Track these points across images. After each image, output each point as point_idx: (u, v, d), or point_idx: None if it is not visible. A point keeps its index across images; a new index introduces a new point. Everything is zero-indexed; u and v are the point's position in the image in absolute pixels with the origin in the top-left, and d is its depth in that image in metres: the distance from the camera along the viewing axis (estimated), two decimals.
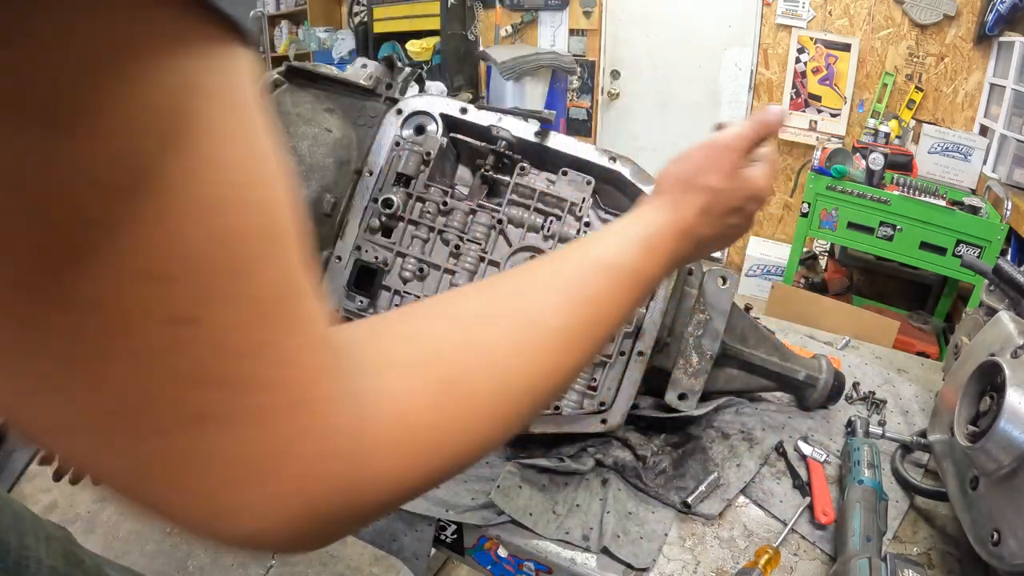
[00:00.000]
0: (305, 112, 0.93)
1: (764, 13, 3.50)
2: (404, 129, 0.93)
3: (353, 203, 0.92)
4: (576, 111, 4.31)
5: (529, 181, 0.92)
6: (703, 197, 0.55)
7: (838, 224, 2.78)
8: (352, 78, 0.97)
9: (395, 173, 0.92)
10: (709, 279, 0.93)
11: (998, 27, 2.79)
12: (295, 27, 5.54)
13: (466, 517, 0.85)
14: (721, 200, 0.56)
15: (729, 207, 0.57)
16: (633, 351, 0.89)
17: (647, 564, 0.78)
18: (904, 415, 1.11)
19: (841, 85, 3.34)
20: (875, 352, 1.33)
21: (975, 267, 1.06)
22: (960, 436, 0.73)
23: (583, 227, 0.92)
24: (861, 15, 3.23)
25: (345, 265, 0.91)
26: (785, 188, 3.72)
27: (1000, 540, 0.64)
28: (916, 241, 2.63)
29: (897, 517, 0.86)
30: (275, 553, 0.28)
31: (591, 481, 0.91)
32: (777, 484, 0.92)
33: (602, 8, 3.98)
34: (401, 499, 0.30)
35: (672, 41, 3.88)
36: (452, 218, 0.92)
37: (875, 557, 0.71)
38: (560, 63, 4.08)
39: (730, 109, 3.81)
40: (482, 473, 0.93)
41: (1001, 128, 2.68)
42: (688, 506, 0.86)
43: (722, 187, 0.56)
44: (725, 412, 1.04)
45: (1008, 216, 2.40)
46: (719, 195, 0.56)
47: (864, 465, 0.85)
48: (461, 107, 0.93)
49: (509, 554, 0.85)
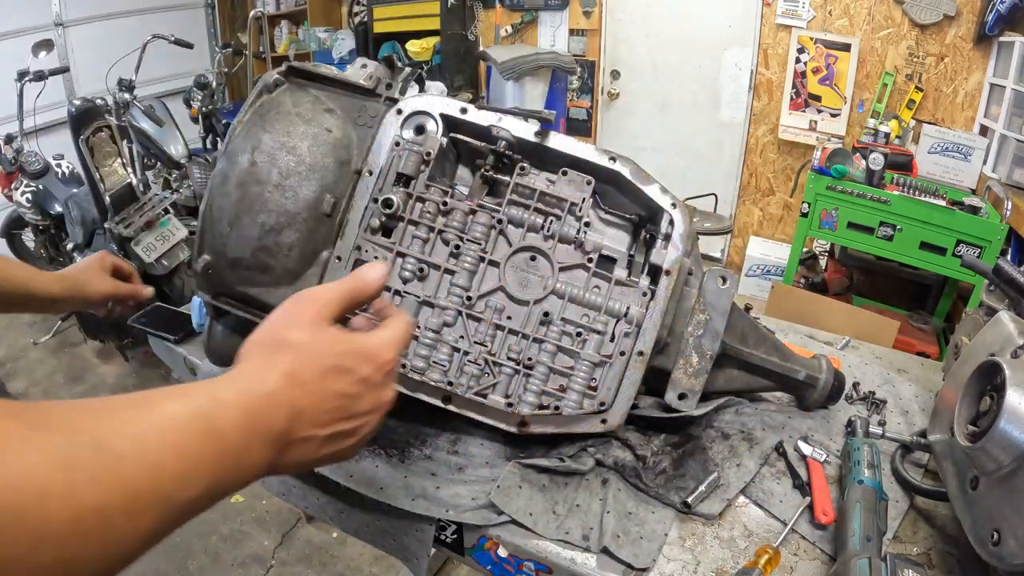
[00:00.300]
0: (305, 112, 0.93)
1: (764, 13, 3.50)
2: (404, 129, 0.93)
3: (353, 203, 0.92)
4: (576, 111, 4.31)
5: (529, 181, 0.92)
6: (287, 357, 0.46)
7: (838, 224, 2.78)
8: (352, 78, 0.97)
9: (395, 173, 0.92)
10: (709, 279, 0.93)
11: (998, 27, 2.79)
12: (295, 27, 5.54)
13: (466, 517, 0.85)
14: (311, 359, 0.47)
15: (325, 367, 0.47)
16: (633, 351, 0.89)
17: (647, 564, 0.79)
18: (904, 415, 1.11)
19: (841, 85, 3.34)
20: (875, 352, 1.33)
21: (975, 267, 1.06)
22: (960, 436, 0.73)
23: (583, 227, 0.92)
24: (861, 15, 3.23)
25: (345, 265, 0.91)
26: (785, 188, 3.72)
27: (1000, 540, 0.64)
28: (916, 241, 2.63)
29: (897, 517, 0.86)
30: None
31: (591, 481, 0.91)
32: (777, 484, 0.92)
33: (602, 8, 3.98)
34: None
35: (672, 41, 3.88)
36: (452, 218, 0.92)
37: (875, 557, 0.71)
38: (560, 63, 4.08)
39: (730, 109, 3.81)
40: (482, 473, 0.93)
41: (1001, 128, 2.68)
42: (688, 506, 0.86)
43: (304, 341, 0.47)
44: (725, 412, 1.04)
45: (1008, 216, 2.40)
46: (305, 352, 0.47)
47: (864, 465, 0.85)
48: (461, 107, 0.93)
49: (509, 554, 0.85)
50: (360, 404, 0.49)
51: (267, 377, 0.44)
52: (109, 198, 2.52)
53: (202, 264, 0.91)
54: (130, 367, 3.14)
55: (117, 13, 4.74)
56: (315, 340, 0.48)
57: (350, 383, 0.48)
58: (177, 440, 0.37)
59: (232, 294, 0.96)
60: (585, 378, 0.90)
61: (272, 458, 0.44)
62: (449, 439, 1.00)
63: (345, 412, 0.48)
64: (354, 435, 0.50)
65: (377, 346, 0.51)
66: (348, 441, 0.50)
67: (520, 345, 0.91)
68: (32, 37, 3.49)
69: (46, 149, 3.40)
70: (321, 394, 0.46)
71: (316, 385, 0.46)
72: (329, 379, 0.47)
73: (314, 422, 0.46)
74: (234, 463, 0.40)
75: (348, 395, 0.48)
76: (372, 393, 0.50)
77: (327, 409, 0.47)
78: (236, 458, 0.41)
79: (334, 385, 0.47)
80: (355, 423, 0.49)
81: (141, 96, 3.45)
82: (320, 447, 0.47)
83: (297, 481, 0.99)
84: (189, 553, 2.10)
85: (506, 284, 0.92)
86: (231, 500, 2.32)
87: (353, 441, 0.50)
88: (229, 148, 0.90)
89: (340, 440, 0.49)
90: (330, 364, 0.47)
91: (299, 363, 0.46)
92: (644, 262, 0.93)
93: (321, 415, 0.47)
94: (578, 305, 0.92)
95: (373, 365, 0.50)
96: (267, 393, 0.44)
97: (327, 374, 0.47)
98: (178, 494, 0.37)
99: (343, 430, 0.48)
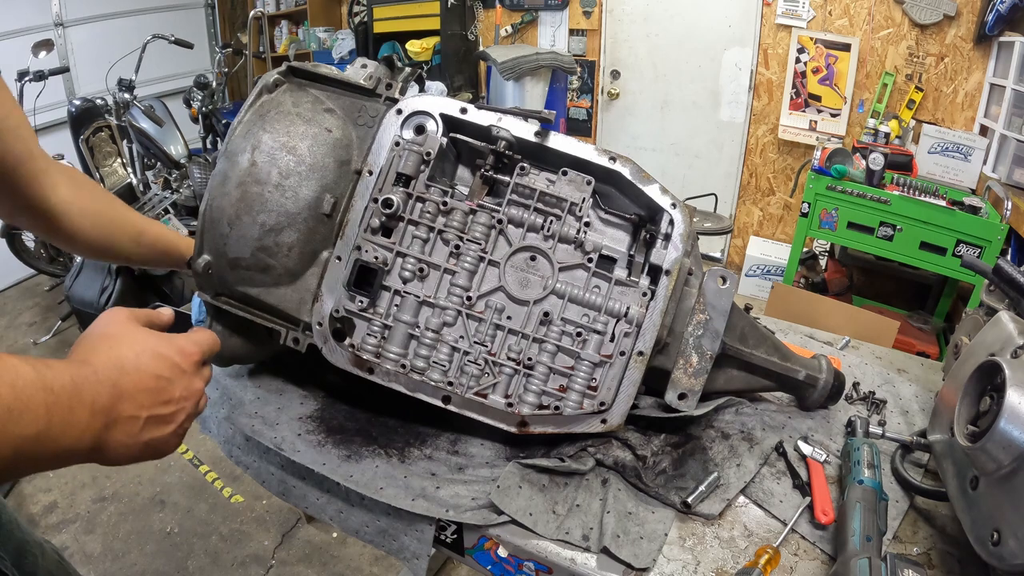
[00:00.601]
0: (305, 112, 0.93)
1: (764, 13, 3.50)
2: (404, 129, 0.93)
3: (353, 203, 0.92)
4: (576, 111, 4.31)
5: (529, 181, 0.92)
6: (109, 344, 0.56)
7: (838, 224, 2.78)
8: (352, 78, 0.97)
9: (395, 173, 0.92)
10: (709, 279, 0.93)
11: (998, 27, 2.79)
12: (295, 27, 5.54)
13: (466, 517, 0.85)
14: (130, 345, 0.56)
15: (141, 352, 0.57)
16: (633, 351, 0.89)
17: (647, 564, 0.79)
18: (904, 415, 1.11)
19: (841, 85, 3.34)
20: (875, 352, 1.33)
21: (975, 267, 1.06)
22: (960, 436, 0.73)
23: (583, 227, 0.92)
24: (861, 15, 3.23)
25: (345, 265, 0.91)
26: (785, 188, 3.72)
27: (1000, 540, 0.64)
28: (916, 241, 2.63)
29: (897, 517, 0.86)
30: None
31: (591, 481, 0.91)
32: (777, 484, 0.92)
33: (602, 8, 3.98)
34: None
35: (672, 41, 3.88)
36: (452, 218, 0.92)
37: (875, 557, 0.71)
38: (560, 63, 4.08)
39: (730, 109, 3.81)
40: (482, 473, 0.93)
41: (1001, 128, 2.68)
42: (688, 506, 0.86)
43: (123, 333, 0.57)
44: (725, 412, 1.04)
45: (1008, 216, 2.40)
46: (125, 341, 0.57)
47: (864, 465, 0.85)
48: (461, 107, 0.93)
49: (509, 554, 0.85)
50: (174, 388, 0.58)
51: (92, 359, 0.53)
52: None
53: (202, 264, 0.91)
54: None
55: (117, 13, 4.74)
56: (132, 331, 0.58)
57: (164, 367, 0.57)
58: (14, 381, 0.44)
59: (232, 294, 0.96)
60: (585, 378, 0.90)
61: (98, 430, 0.50)
62: (449, 439, 1.00)
63: (162, 395, 0.57)
64: (171, 421, 0.58)
65: (185, 339, 0.62)
66: (167, 428, 0.57)
67: (520, 345, 0.91)
68: (32, 37, 3.49)
69: (46, 149, 3.39)
70: (139, 375, 0.55)
71: (134, 368, 0.55)
72: (145, 362, 0.56)
73: (135, 402, 0.54)
74: (61, 420, 0.47)
75: (163, 378, 0.57)
76: (184, 379, 0.59)
77: (146, 389, 0.55)
78: (63, 417, 0.47)
79: (150, 368, 0.56)
80: (172, 408, 0.57)
81: (141, 96, 3.45)
82: (142, 430, 0.55)
83: (297, 481, 0.99)
84: (189, 553, 2.10)
85: (506, 284, 0.92)
86: (231, 500, 2.32)
87: (171, 429, 0.58)
88: (229, 148, 0.90)
89: (159, 425, 0.56)
90: (147, 349, 0.57)
91: (120, 349, 0.55)
92: (644, 262, 0.93)
93: (141, 395, 0.54)
94: (578, 305, 0.92)
95: (182, 355, 0.60)
96: (92, 371, 0.51)
97: (143, 358, 0.56)
98: (10, 427, 0.43)
99: (161, 414, 0.56)
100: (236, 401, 1.07)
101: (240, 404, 1.06)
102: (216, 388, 1.12)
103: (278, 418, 1.02)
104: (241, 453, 1.05)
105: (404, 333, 0.92)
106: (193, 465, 2.51)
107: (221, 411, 1.08)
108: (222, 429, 1.08)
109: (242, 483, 2.39)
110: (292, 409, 1.05)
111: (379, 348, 0.93)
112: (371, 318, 0.92)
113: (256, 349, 1.03)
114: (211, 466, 2.50)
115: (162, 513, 2.27)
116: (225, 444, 1.08)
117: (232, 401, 1.08)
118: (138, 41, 3.46)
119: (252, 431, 0.99)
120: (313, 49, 5.12)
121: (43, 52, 3.26)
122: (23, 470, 0.47)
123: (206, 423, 1.15)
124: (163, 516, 2.26)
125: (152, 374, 0.56)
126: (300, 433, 0.99)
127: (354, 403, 1.06)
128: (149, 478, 2.43)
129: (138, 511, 2.28)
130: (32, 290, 3.98)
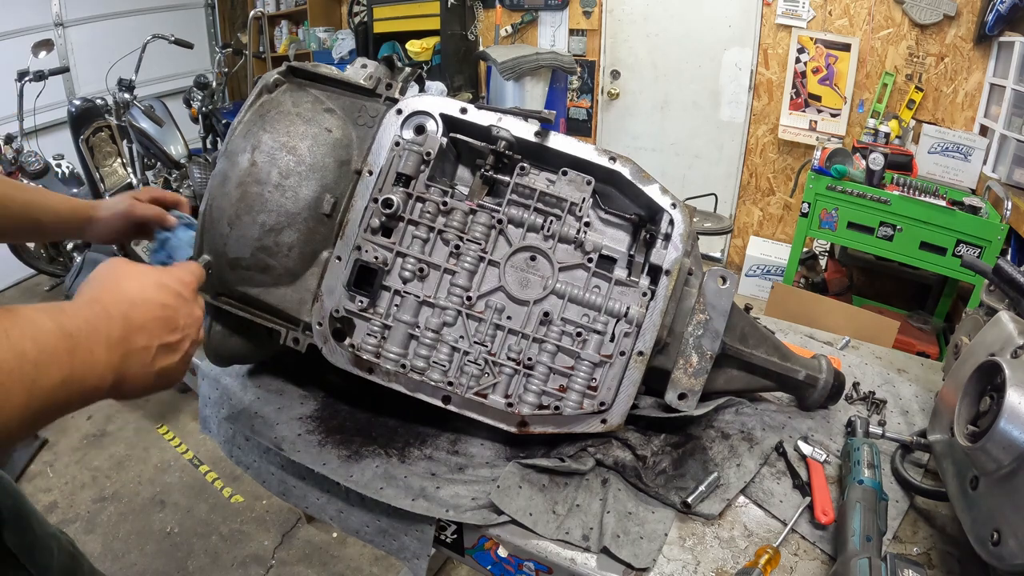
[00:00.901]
0: (305, 112, 0.93)
1: (764, 13, 3.50)
2: (404, 129, 0.93)
3: (353, 203, 0.92)
4: (576, 111, 4.31)
5: (529, 181, 0.92)
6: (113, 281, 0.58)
7: (838, 224, 2.78)
8: (352, 78, 0.97)
9: (395, 173, 0.92)
10: (709, 279, 0.93)
11: (998, 27, 2.79)
12: (295, 27, 5.54)
13: (466, 517, 0.85)
14: (133, 278, 0.59)
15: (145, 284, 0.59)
16: (633, 351, 0.89)
17: (647, 564, 0.78)
18: (904, 415, 1.11)
19: (841, 85, 3.34)
20: (875, 352, 1.33)
21: (975, 267, 1.06)
22: (960, 436, 0.73)
23: (583, 227, 0.92)
24: (861, 15, 3.23)
25: (345, 265, 0.91)
26: (785, 188, 3.72)
27: (1000, 540, 0.64)
28: (916, 241, 2.63)
29: (897, 517, 0.86)
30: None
31: (591, 481, 0.91)
32: (777, 484, 0.92)
33: (602, 8, 3.98)
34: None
35: (672, 41, 3.88)
36: (452, 218, 0.92)
37: (875, 557, 0.71)
38: (560, 63, 4.08)
39: (730, 109, 3.81)
40: (482, 473, 0.93)
41: (1001, 128, 2.68)
42: (688, 506, 0.86)
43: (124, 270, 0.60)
44: (725, 412, 1.04)
45: (1008, 216, 2.40)
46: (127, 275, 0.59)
47: (864, 465, 0.85)
48: (461, 107, 0.93)
49: (509, 554, 0.85)
50: (179, 316, 0.61)
51: (101, 297, 0.55)
52: (109, 198, 2.52)
53: (202, 264, 0.91)
54: None
55: (117, 13, 4.74)
56: (132, 267, 0.60)
57: (169, 296, 0.60)
58: (35, 334, 0.46)
59: (232, 294, 0.96)
60: (585, 378, 0.90)
61: (116, 365, 0.53)
62: (449, 439, 1.00)
63: (170, 324, 0.59)
64: (179, 349, 0.60)
65: (180, 270, 0.65)
66: (175, 356, 0.60)
67: (520, 345, 0.91)
68: (32, 37, 3.48)
69: (46, 149, 3.40)
70: (147, 306, 0.58)
71: (142, 300, 0.58)
72: (150, 294, 0.59)
73: (146, 333, 0.57)
74: (83, 362, 0.49)
75: (169, 306, 0.60)
76: (187, 306, 0.62)
77: (154, 318, 0.58)
78: (84, 358, 0.50)
79: (156, 298, 0.59)
80: (178, 335, 0.60)
81: (141, 96, 3.45)
82: (155, 359, 0.57)
83: (297, 481, 0.99)
84: (189, 553, 2.10)
85: (506, 284, 0.92)
86: (231, 500, 2.32)
87: (179, 356, 0.61)
88: (229, 148, 0.90)
89: (169, 354, 0.59)
90: (150, 282, 0.60)
91: (125, 283, 0.58)
92: (644, 262, 0.93)
93: (151, 324, 0.57)
94: (578, 305, 0.92)
95: (182, 283, 0.63)
96: (102, 308, 0.54)
97: (148, 290, 0.59)
98: (40, 379, 0.46)
99: (170, 342, 0.59)
100: (236, 401, 1.07)
101: (240, 404, 1.06)
102: (216, 388, 1.12)
103: (278, 418, 1.02)
104: (241, 453, 1.05)
105: (404, 333, 0.92)
106: (193, 465, 2.51)
107: (221, 411, 1.08)
108: (222, 429, 1.08)
109: (242, 483, 2.39)
110: (292, 409, 1.05)
111: (379, 348, 0.93)
112: (371, 318, 0.92)
113: (256, 349, 1.03)
114: (211, 466, 2.50)
115: (162, 513, 2.27)
116: (225, 444, 1.08)
117: (232, 401, 1.08)
118: (138, 41, 3.46)
119: (252, 431, 0.99)
120: (313, 49, 5.12)
121: (43, 52, 3.26)
122: (52, 416, 0.48)
123: (206, 423, 1.15)
124: (163, 516, 2.26)
125: (158, 303, 0.59)
126: (300, 433, 0.99)
127: (354, 403, 1.06)
128: (149, 478, 2.43)
129: (138, 511, 2.28)
130: (32, 290, 3.98)
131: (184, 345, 0.61)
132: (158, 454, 2.57)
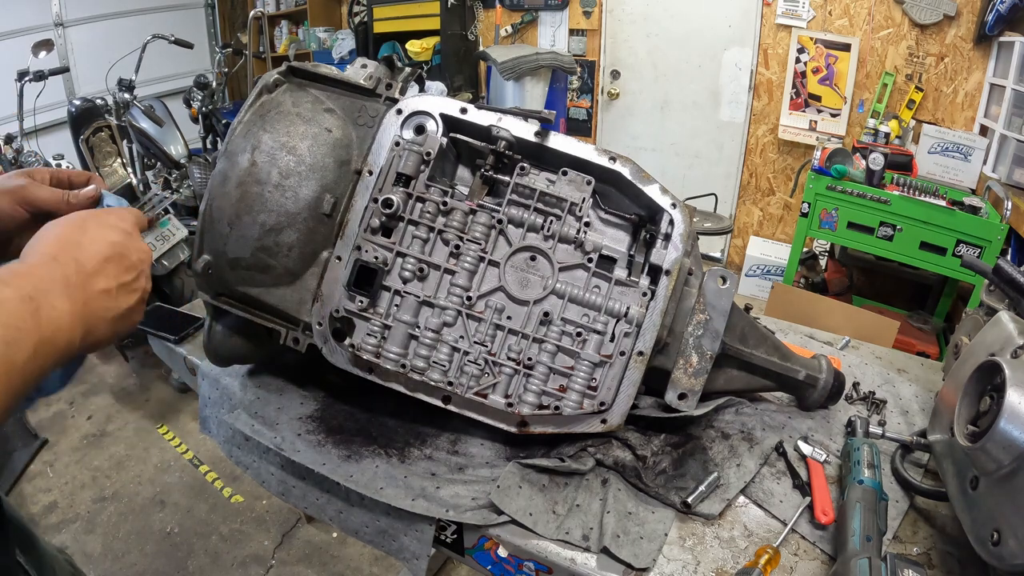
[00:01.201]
0: (305, 112, 0.93)
1: (764, 13, 3.50)
2: (404, 129, 0.93)
3: (353, 203, 0.92)
4: (576, 111, 4.31)
5: (529, 181, 0.92)
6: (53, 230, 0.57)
7: (838, 224, 2.78)
8: (352, 78, 0.97)
9: (395, 173, 0.92)
10: (709, 279, 0.93)
11: (998, 27, 2.79)
12: (295, 27, 5.54)
13: (466, 517, 0.85)
14: (72, 223, 0.58)
15: (86, 224, 0.58)
16: (633, 351, 0.89)
17: (647, 564, 0.78)
18: (904, 415, 1.11)
19: (841, 85, 3.34)
20: (875, 352, 1.33)
21: (975, 267, 1.06)
22: (960, 436, 0.73)
23: (583, 227, 0.92)
24: (861, 15, 3.23)
25: (345, 265, 0.91)
26: (785, 188, 3.72)
27: (1000, 540, 0.64)
28: (916, 241, 2.63)
29: (897, 517, 0.86)
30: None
31: (591, 481, 0.91)
32: (777, 484, 0.92)
33: (602, 8, 3.99)
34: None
35: (672, 41, 3.88)
36: (452, 218, 0.92)
37: (875, 557, 0.71)
38: (560, 63, 4.08)
39: (730, 109, 3.81)
40: (482, 473, 0.93)
41: (1001, 128, 2.68)
42: (688, 506, 0.86)
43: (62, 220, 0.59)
44: (725, 412, 1.04)
45: (1008, 216, 2.40)
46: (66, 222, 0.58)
47: (864, 465, 0.85)
48: (461, 107, 0.92)
49: (509, 554, 0.85)
50: (130, 252, 0.59)
51: (47, 250, 0.54)
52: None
53: (202, 264, 0.91)
54: (130, 367, 3.14)
55: (117, 13, 4.75)
56: (67, 217, 0.58)
57: (113, 233, 0.59)
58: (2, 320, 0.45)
59: (232, 294, 0.96)
60: (585, 378, 0.90)
61: (81, 312, 0.52)
62: (449, 439, 1.00)
63: (123, 261, 0.58)
64: (136, 288, 0.59)
65: (114, 211, 0.63)
66: (134, 296, 0.59)
67: (520, 345, 0.91)
68: (32, 37, 3.48)
69: (46, 149, 3.40)
70: (95, 246, 0.56)
71: (88, 241, 0.56)
72: (93, 233, 0.57)
73: (104, 275, 0.56)
74: (49, 321, 0.49)
75: (117, 243, 0.58)
76: (134, 243, 0.61)
77: (106, 258, 0.56)
78: (49, 315, 0.49)
79: (101, 236, 0.57)
80: (133, 272, 0.59)
81: (141, 96, 3.45)
82: (116, 299, 0.56)
83: (297, 481, 0.99)
84: (189, 553, 2.10)
85: (506, 284, 0.92)
86: (231, 500, 2.32)
87: (138, 296, 0.60)
88: (229, 148, 0.90)
89: (128, 294, 0.58)
90: (89, 223, 0.58)
91: (65, 230, 0.56)
92: (644, 262, 0.93)
93: (105, 266, 0.56)
94: (578, 305, 0.92)
95: (121, 219, 0.61)
96: (51, 258, 0.53)
97: (91, 231, 0.57)
98: (13, 356, 0.45)
99: (127, 281, 0.58)
100: (236, 401, 1.07)
101: (240, 404, 1.06)
102: (216, 388, 1.12)
103: (278, 418, 1.02)
104: (241, 453, 1.05)
105: (404, 333, 0.92)
106: (193, 465, 2.51)
107: (221, 411, 1.08)
108: (222, 429, 1.08)
109: (242, 483, 2.39)
110: (292, 409, 1.05)
111: (379, 348, 0.93)
112: (371, 318, 0.92)
113: (256, 349, 1.03)
114: (211, 466, 2.50)
115: (162, 513, 2.27)
116: (225, 444, 1.08)
117: (232, 401, 1.08)
118: (138, 41, 3.46)
119: (252, 431, 0.99)
120: (313, 49, 5.12)
121: (43, 52, 3.26)
122: (30, 388, 0.48)
123: (206, 423, 1.15)
124: (163, 516, 2.26)
125: (106, 241, 0.57)
126: (300, 433, 0.99)
127: (354, 403, 1.06)
128: (149, 478, 2.44)
129: (138, 511, 2.28)
130: None
131: (141, 282, 0.60)
132: (158, 454, 2.57)
